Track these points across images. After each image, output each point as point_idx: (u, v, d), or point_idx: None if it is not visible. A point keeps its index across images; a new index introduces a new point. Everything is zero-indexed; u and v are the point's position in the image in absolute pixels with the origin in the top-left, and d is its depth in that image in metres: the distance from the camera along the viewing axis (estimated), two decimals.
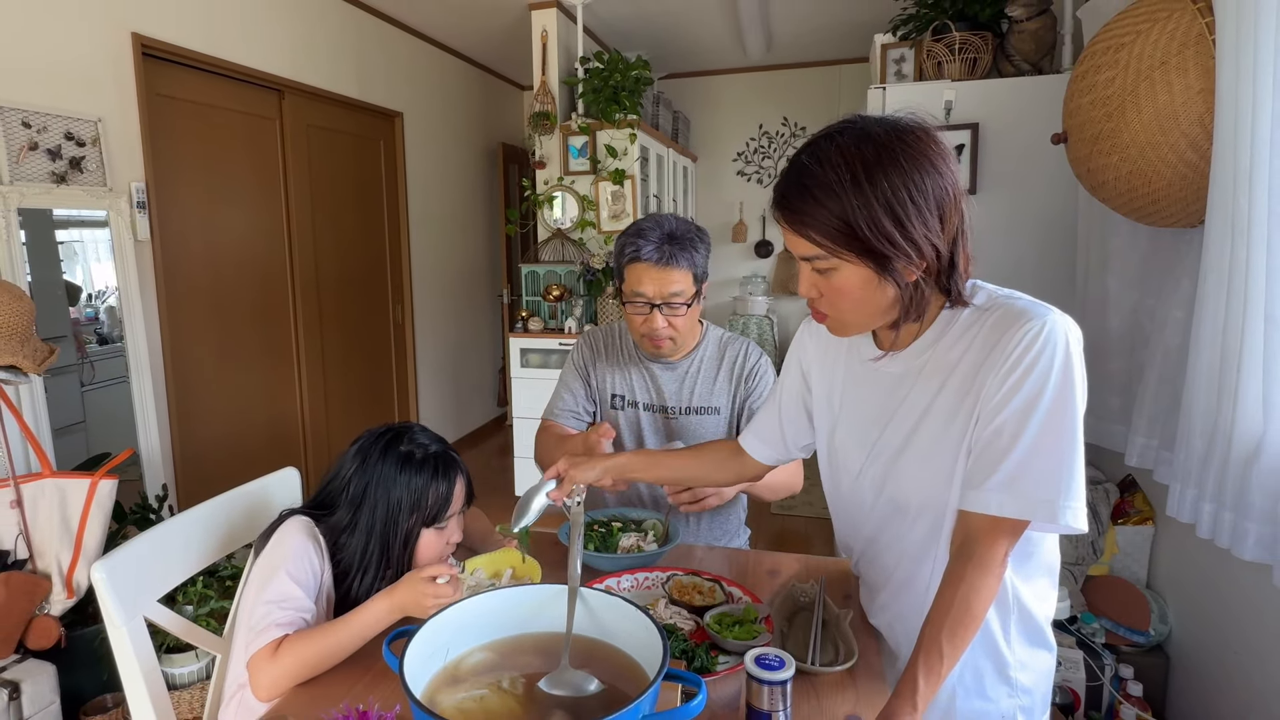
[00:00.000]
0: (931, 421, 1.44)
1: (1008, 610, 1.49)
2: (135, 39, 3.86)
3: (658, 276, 2.23)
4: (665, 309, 2.26)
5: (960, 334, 1.41)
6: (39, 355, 2.91)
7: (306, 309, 5.30)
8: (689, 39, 7.02)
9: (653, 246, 2.22)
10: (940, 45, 3.71)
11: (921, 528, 1.50)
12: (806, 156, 1.34)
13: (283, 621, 1.59)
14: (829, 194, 1.28)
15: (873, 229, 1.26)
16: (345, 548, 1.77)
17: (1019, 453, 1.29)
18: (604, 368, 2.52)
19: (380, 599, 1.61)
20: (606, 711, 1.00)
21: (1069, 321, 1.32)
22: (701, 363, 2.45)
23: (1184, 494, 2.25)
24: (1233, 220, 1.97)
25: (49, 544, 2.86)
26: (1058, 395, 1.28)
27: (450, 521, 1.84)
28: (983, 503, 1.31)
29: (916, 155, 1.29)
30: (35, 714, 2.76)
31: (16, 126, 3.28)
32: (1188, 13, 2.13)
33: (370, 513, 1.76)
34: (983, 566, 1.30)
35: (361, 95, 5.73)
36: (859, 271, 1.32)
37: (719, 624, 1.65)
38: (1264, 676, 2.34)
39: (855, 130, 1.33)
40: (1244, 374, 1.96)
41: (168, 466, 4.11)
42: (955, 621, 1.28)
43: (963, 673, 1.51)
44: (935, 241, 1.30)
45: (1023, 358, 1.29)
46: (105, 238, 3.76)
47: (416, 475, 1.77)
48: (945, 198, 1.30)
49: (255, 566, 1.71)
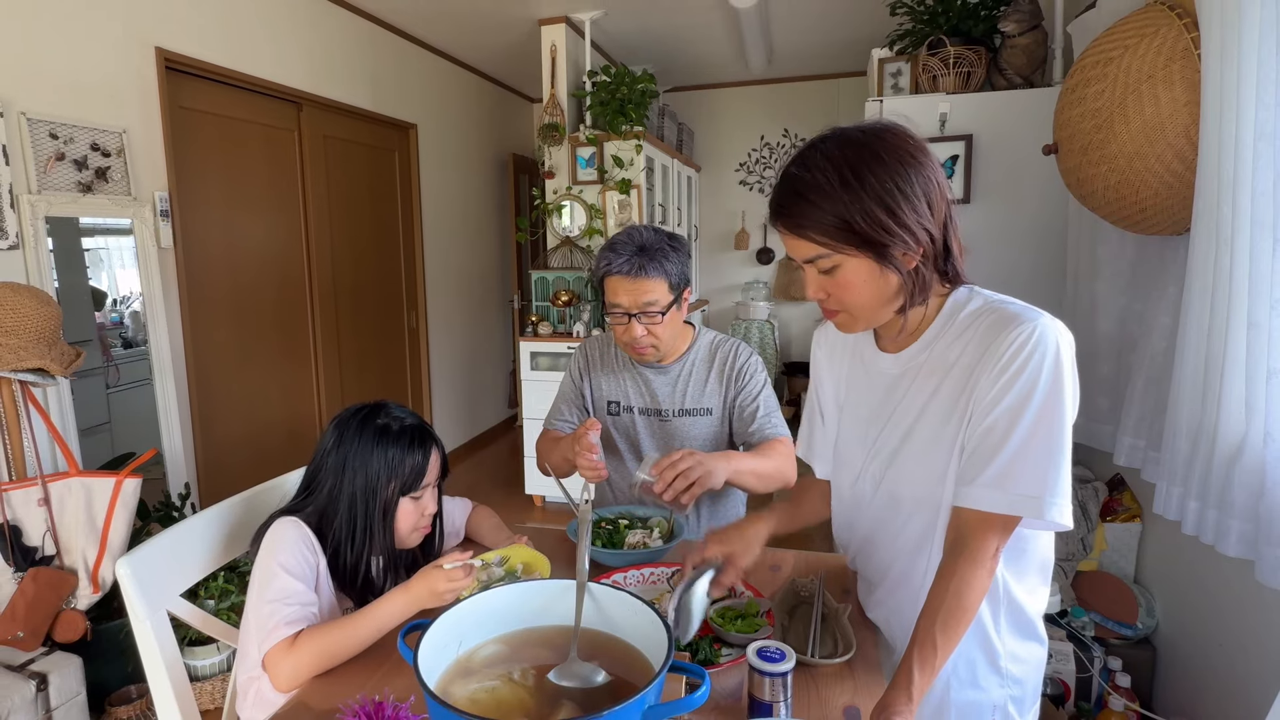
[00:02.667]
0: (928, 420, 1.45)
1: (998, 603, 1.49)
2: (159, 53, 3.87)
3: (631, 288, 2.25)
4: (642, 318, 2.28)
5: (956, 336, 1.42)
6: (66, 358, 2.93)
7: (324, 313, 5.31)
8: (693, 53, 7.03)
9: (624, 259, 2.24)
10: (935, 59, 3.71)
11: (917, 524, 1.51)
12: (795, 166, 1.38)
13: (291, 618, 1.61)
14: (822, 196, 1.32)
15: (868, 220, 1.30)
16: (331, 524, 1.78)
17: (1008, 451, 1.30)
18: (599, 376, 2.53)
19: (397, 593, 1.62)
20: (614, 702, 1.00)
21: (1060, 326, 1.33)
22: (693, 366, 2.45)
23: (1170, 492, 2.25)
24: (1217, 228, 1.97)
25: (75, 541, 2.87)
26: (1047, 397, 1.29)
27: (425, 492, 1.85)
28: (974, 499, 1.32)
29: (895, 150, 1.32)
30: (62, 705, 2.77)
31: (44, 138, 3.29)
32: (1174, 29, 2.14)
33: (350, 483, 1.77)
34: (974, 561, 1.31)
35: (377, 107, 5.74)
36: (861, 264, 1.35)
37: (722, 618, 1.65)
38: (1246, 667, 2.34)
39: (836, 137, 1.36)
40: (1227, 377, 1.96)
41: (190, 466, 4.12)
42: (948, 615, 1.28)
43: (956, 664, 1.51)
44: (928, 226, 1.34)
45: (1014, 360, 1.30)
46: (130, 245, 3.78)
47: (393, 446, 1.78)
48: (929, 186, 1.34)
49: (253, 570, 1.71)
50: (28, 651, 2.81)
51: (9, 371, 2.77)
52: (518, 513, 5.76)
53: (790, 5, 5.77)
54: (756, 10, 5.65)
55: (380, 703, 1.21)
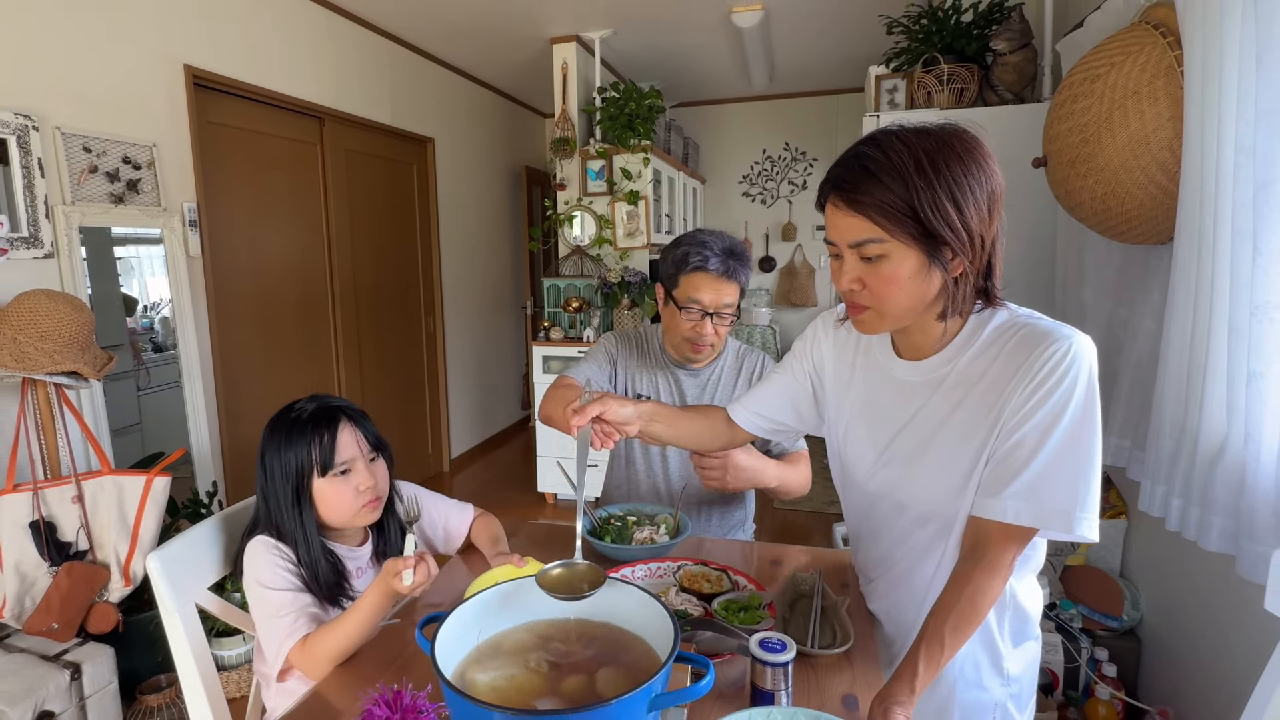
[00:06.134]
0: (950, 432, 1.40)
1: (1004, 607, 1.49)
2: (187, 70, 3.89)
3: (717, 287, 2.23)
4: (715, 318, 2.26)
5: (983, 350, 1.38)
6: (99, 362, 2.94)
7: (345, 319, 5.32)
8: (698, 70, 7.04)
9: (718, 259, 2.21)
10: (930, 76, 3.71)
11: (929, 529, 1.48)
12: (868, 146, 1.30)
13: (291, 628, 1.63)
14: (894, 177, 1.25)
15: (935, 210, 1.23)
16: (280, 524, 1.77)
17: (1039, 464, 1.27)
18: (632, 366, 2.49)
19: (370, 588, 1.61)
20: (623, 691, 1.01)
21: (1090, 343, 1.29)
22: (722, 371, 2.45)
23: (1154, 490, 2.25)
24: (1199, 237, 1.97)
25: (108, 536, 2.88)
26: (1081, 412, 1.26)
27: (355, 466, 1.80)
28: (999, 510, 1.29)
29: (972, 151, 1.28)
30: (95, 693, 2.78)
31: (78, 151, 3.31)
32: (1158, 46, 2.13)
33: (273, 481, 1.77)
34: (992, 570, 1.29)
35: (396, 122, 5.76)
36: (910, 257, 1.28)
37: (726, 610, 1.65)
38: (1227, 657, 2.34)
39: (913, 127, 1.31)
40: (1209, 379, 1.95)
41: (217, 464, 4.13)
42: (960, 617, 1.27)
43: (963, 665, 1.51)
44: (984, 233, 1.28)
45: (1050, 375, 1.27)
46: (159, 254, 3.79)
47: (299, 434, 1.76)
48: (994, 195, 1.29)
49: (248, 595, 1.72)
50: (62, 642, 2.82)
51: (44, 375, 2.79)
52: (530, 510, 5.76)
53: (791, 25, 5.78)
54: (759, 29, 5.66)
55: (399, 691, 1.22)
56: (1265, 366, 1.84)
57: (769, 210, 8.22)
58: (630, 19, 5.58)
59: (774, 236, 8.21)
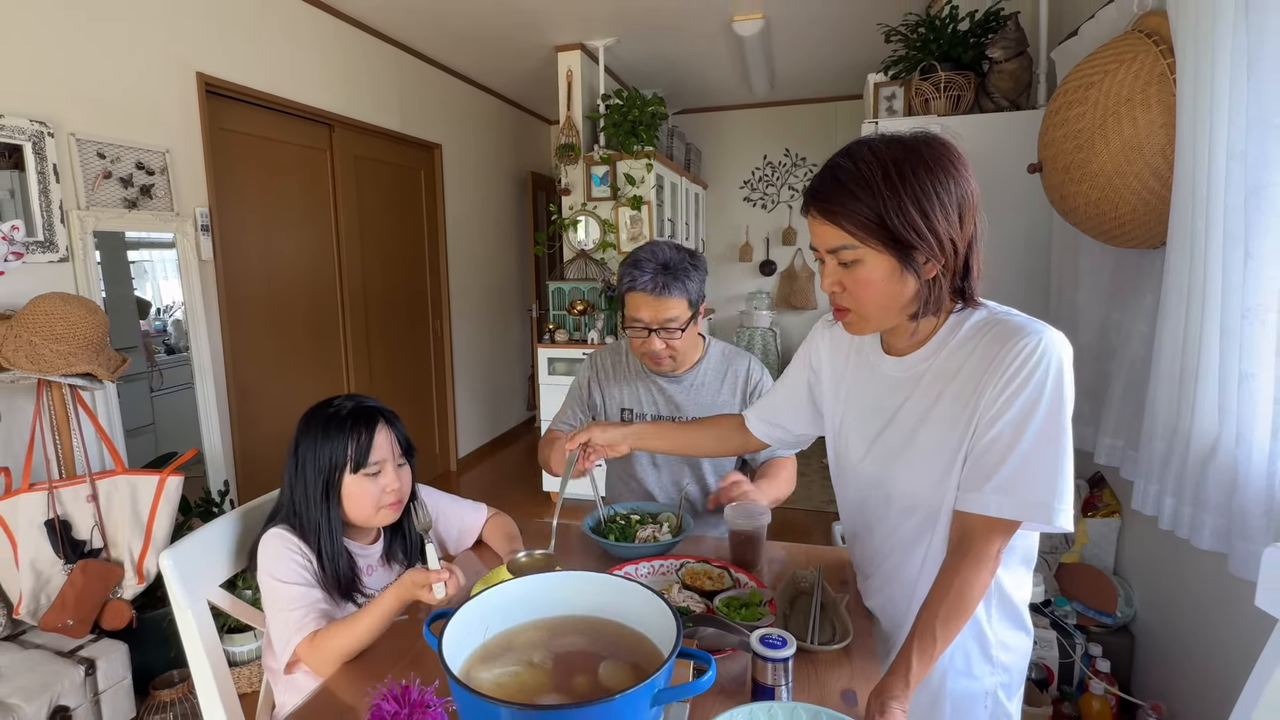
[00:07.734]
0: (930, 427, 1.43)
1: (990, 595, 1.49)
2: (200, 78, 3.90)
3: (653, 304, 2.23)
4: (662, 333, 2.26)
5: (960, 345, 1.40)
6: (113, 364, 2.94)
7: (354, 321, 5.32)
8: (700, 78, 7.04)
9: (648, 277, 2.21)
10: (927, 84, 3.71)
11: (914, 521, 1.50)
12: (841, 158, 1.35)
13: (301, 621, 1.64)
14: (862, 188, 1.29)
15: (901, 219, 1.27)
16: (303, 515, 1.78)
17: (1015, 459, 1.29)
18: (610, 385, 2.51)
19: (388, 592, 1.62)
20: (626, 686, 1.01)
21: (1062, 338, 1.31)
22: (706, 375, 2.44)
23: (1147, 489, 2.25)
24: (1191, 241, 1.97)
25: (121, 535, 2.88)
26: (1051, 406, 1.28)
27: (383, 468, 1.81)
28: (981, 504, 1.32)
29: (940, 158, 1.30)
30: (109, 688, 2.78)
31: (92, 157, 3.31)
32: (1151, 55, 2.14)
33: (304, 474, 1.78)
34: (978, 562, 1.31)
35: (404, 129, 5.76)
36: (882, 262, 1.32)
37: (727, 607, 1.65)
38: (1220, 653, 2.33)
39: (885, 137, 1.34)
40: (1201, 381, 1.96)
41: (229, 464, 4.13)
42: (950, 609, 1.28)
43: (953, 655, 1.51)
44: (955, 237, 1.31)
45: (1020, 370, 1.29)
46: (172, 257, 3.80)
47: (337, 431, 1.77)
48: (965, 200, 1.32)
49: (261, 587, 1.72)
50: (77, 638, 2.83)
51: (59, 376, 2.79)
52: (536, 509, 5.76)
53: (791, 33, 5.79)
54: (759, 38, 5.66)
55: (407, 686, 1.22)
56: (1256, 368, 1.84)
57: (770, 215, 8.21)
58: (633, 27, 5.58)
59: (774, 241, 8.20)
